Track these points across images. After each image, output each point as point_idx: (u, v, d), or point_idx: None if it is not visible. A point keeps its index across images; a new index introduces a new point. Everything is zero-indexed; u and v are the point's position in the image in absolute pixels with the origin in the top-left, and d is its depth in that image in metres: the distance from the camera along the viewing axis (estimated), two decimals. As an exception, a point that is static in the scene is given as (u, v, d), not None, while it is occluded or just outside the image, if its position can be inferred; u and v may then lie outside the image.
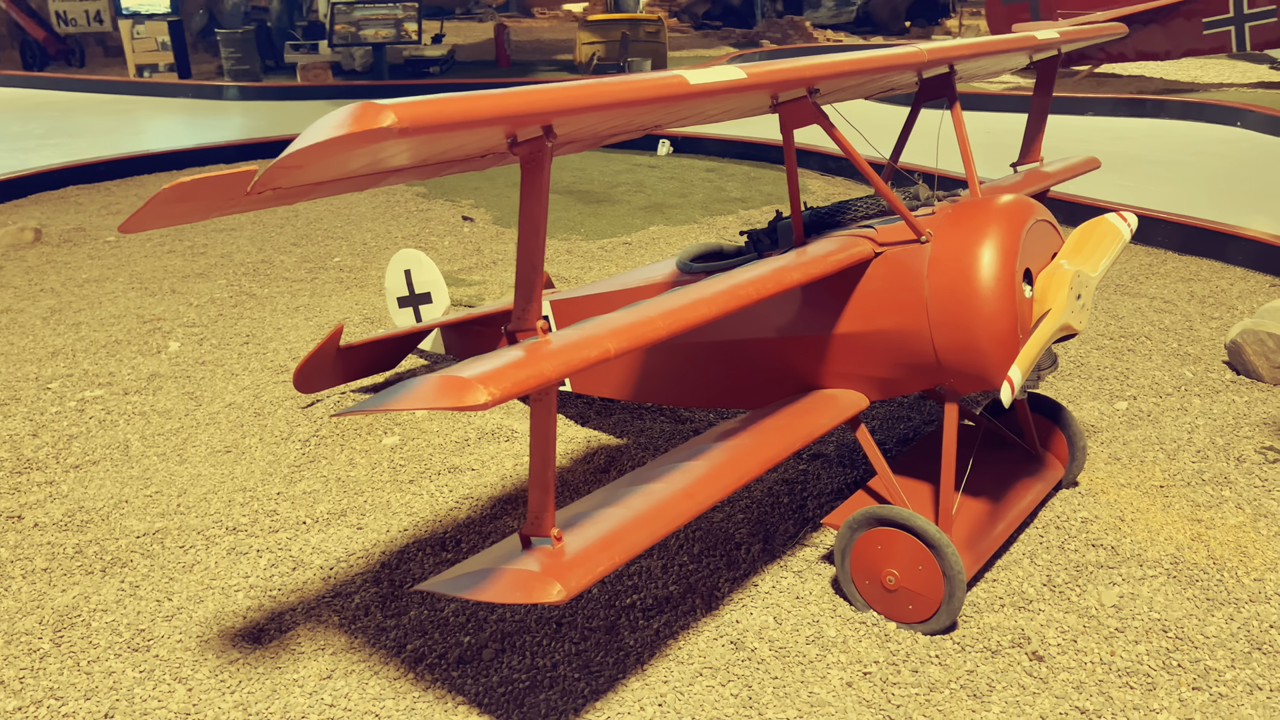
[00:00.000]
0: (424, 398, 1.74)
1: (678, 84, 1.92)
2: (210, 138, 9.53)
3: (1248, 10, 11.40)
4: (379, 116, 1.44)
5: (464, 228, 6.51)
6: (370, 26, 13.22)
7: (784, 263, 2.41)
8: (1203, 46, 11.80)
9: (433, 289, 4.12)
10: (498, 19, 23.29)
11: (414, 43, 13.44)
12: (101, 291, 5.28)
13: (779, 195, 7.22)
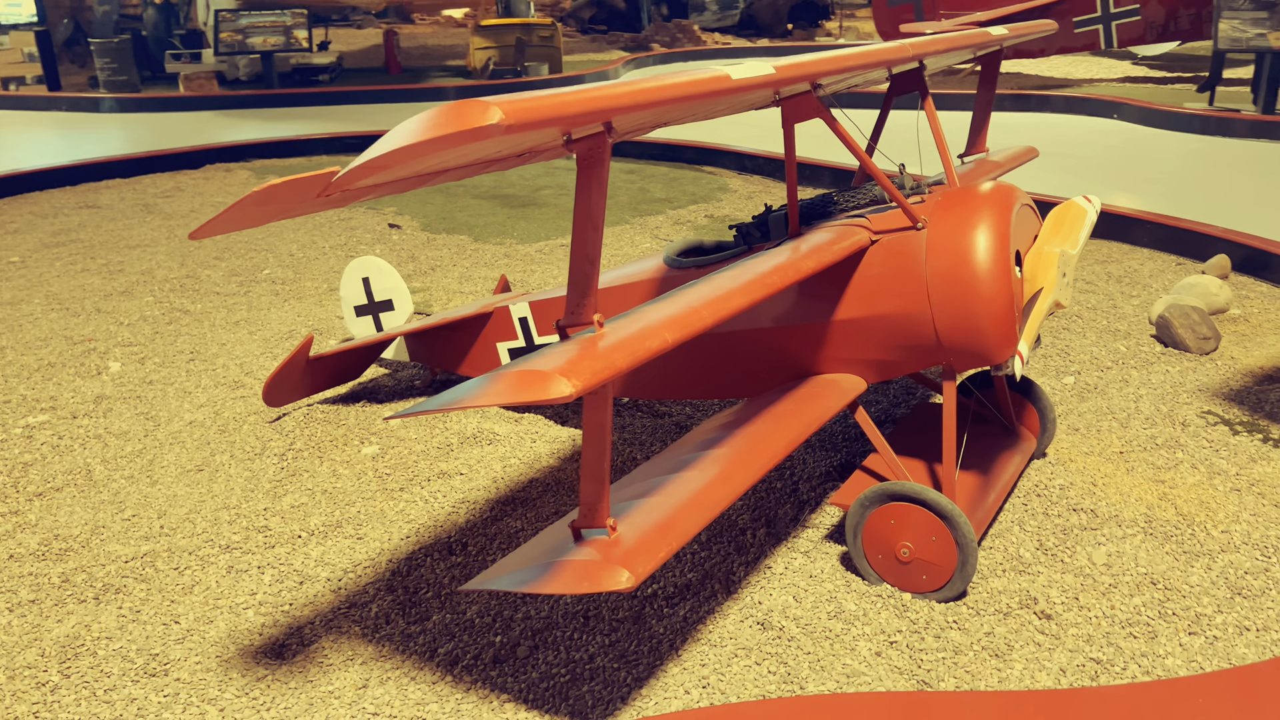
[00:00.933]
0: (503, 393, 1.75)
1: (723, 80, 1.98)
2: (95, 152, 9.10)
3: (1114, 9, 12.14)
4: (486, 114, 1.45)
5: (392, 235, 6.41)
6: (258, 34, 12.84)
7: (796, 252, 2.49)
8: (1074, 44, 12.50)
9: (394, 296, 4.06)
10: (384, 26, 22.87)
11: (305, 50, 13.10)
12: (19, 314, 5.01)
13: (702, 195, 7.35)
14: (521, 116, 1.50)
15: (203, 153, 8.68)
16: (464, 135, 1.46)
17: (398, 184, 1.99)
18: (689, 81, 1.88)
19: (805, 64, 2.30)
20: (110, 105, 12.54)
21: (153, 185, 7.93)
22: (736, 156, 8.13)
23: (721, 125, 9.08)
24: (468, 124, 1.45)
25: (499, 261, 5.83)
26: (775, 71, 2.15)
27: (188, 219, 6.88)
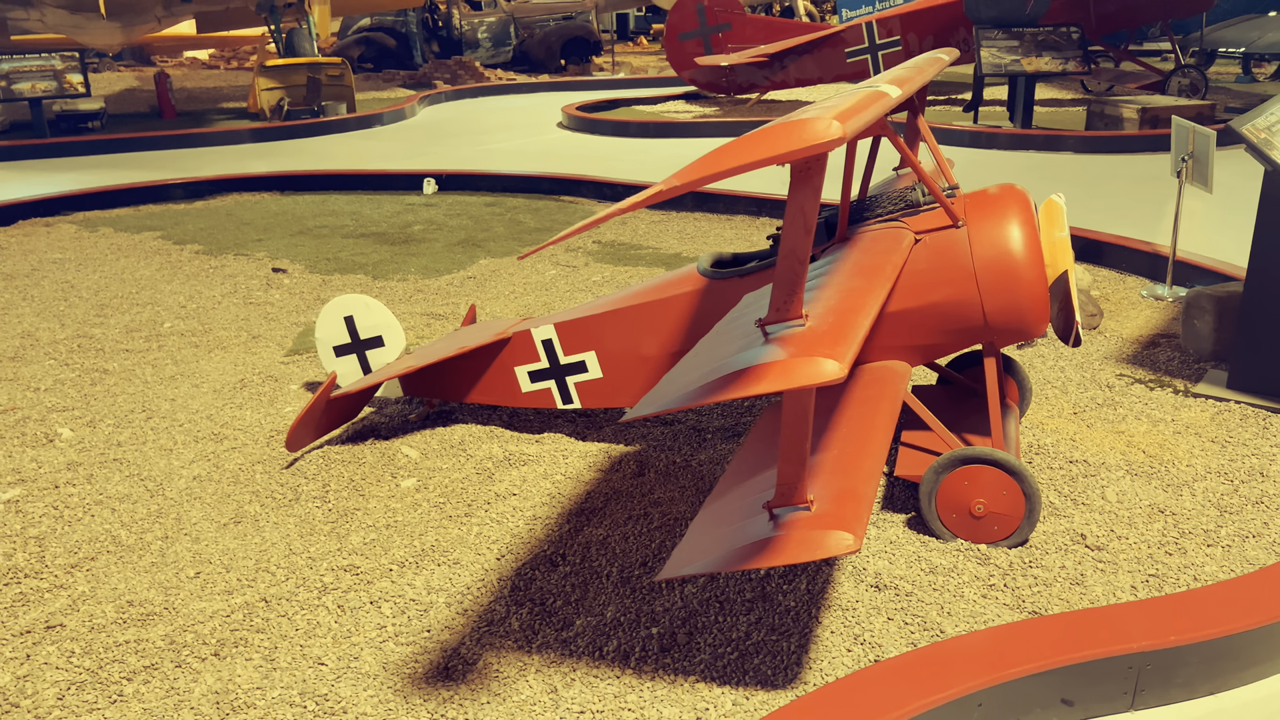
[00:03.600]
0: (775, 382, 1.93)
1: (884, 97, 2.27)
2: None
3: (879, 41, 13.49)
4: (829, 129, 1.65)
5: (283, 280, 6.20)
6: (25, 80, 11.77)
7: (876, 249, 2.81)
8: (847, 73, 13.75)
9: (384, 331, 4.03)
10: (132, 68, 21.40)
11: (81, 95, 12.13)
12: (-99, 389, 4.48)
13: (574, 222, 7.56)
14: (854, 129, 1.72)
15: (12, 208, 7.93)
16: (809, 150, 1.66)
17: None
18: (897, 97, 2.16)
19: (912, 83, 2.62)
20: None
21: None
22: (595, 185, 8.42)
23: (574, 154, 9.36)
24: (813, 140, 1.66)
25: (414, 296, 5.80)
26: (901, 92, 2.46)
27: (33, 277, 6.32)
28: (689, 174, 1.77)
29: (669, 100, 15.07)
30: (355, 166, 9.95)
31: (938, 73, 3.31)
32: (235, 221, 7.79)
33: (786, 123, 1.69)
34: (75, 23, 13.98)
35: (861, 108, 1.90)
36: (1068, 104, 13.30)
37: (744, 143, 1.72)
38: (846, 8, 16.80)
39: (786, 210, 2.08)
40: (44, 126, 12.01)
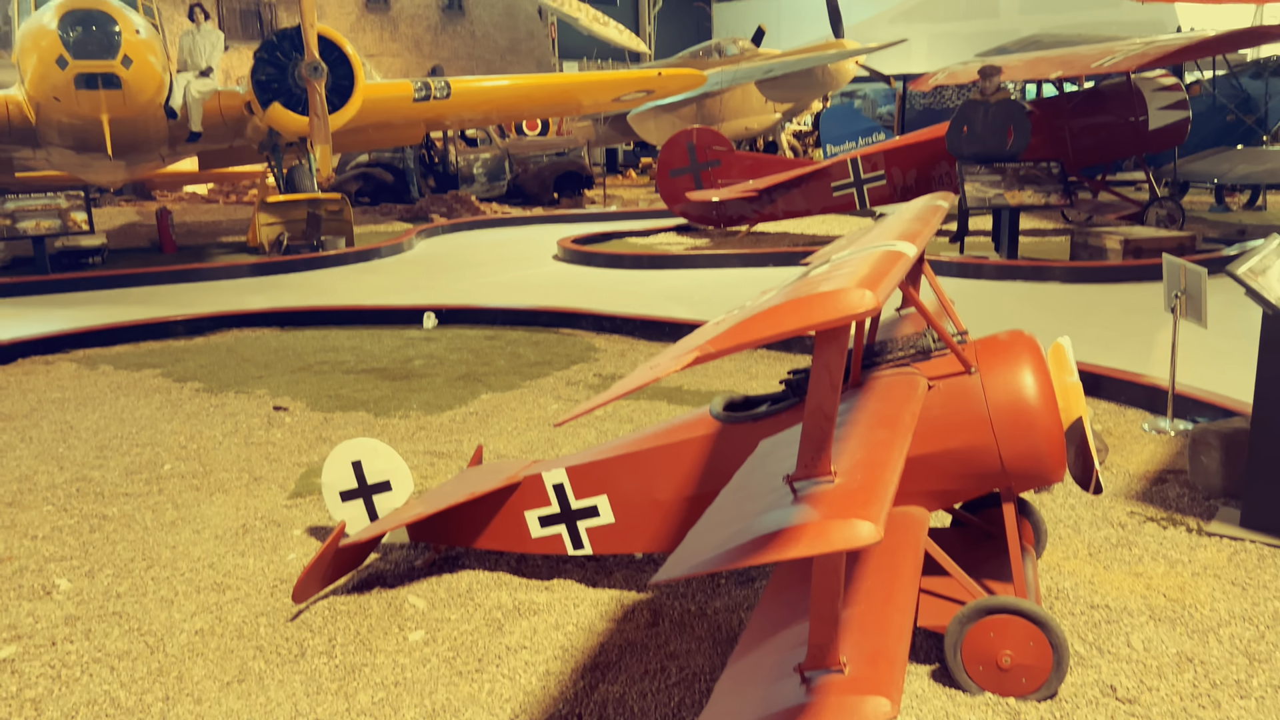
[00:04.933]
0: (809, 545, 1.91)
1: (903, 258, 2.31)
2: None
3: (864, 175, 13.91)
4: (863, 300, 1.69)
5: (284, 419, 6.18)
6: (29, 219, 11.98)
7: (892, 396, 2.83)
8: (834, 205, 14.13)
9: (392, 476, 4.00)
10: (132, 202, 21.85)
11: (85, 232, 12.33)
12: (-105, 539, 4.39)
13: (576, 355, 7.63)
14: (885, 296, 1.75)
15: (12, 346, 7.95)
16: (844, 320, 1.69)
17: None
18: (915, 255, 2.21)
19: (922, 239, 2.69)
20: None
21: (-36, 385, 7.16)
22: (593, 318, 8.51)
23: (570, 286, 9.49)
24: (847, 311, 1.69)
25: (416, 434, 5.78)
26: (918, 247, 2.52)
27: (32, 418, 6.29)
28: (724, 341, 1.80)
29: (661, 232, 15.40)
30: (355, 301, 10.07)
31: (940, 222, 3.40)
32: (236, 358, 7.82)
33: (820, 294, 1.73)
34: (81, 161, 14.33)
35: (885, 272, 1.94)
36: (1050, 234, 13.65)
37: (778, 312, 1.75)
38: (830, 143, 17.38)
39: (812, 368, 2.10)
40: (46, 263, 12.16)
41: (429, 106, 16.47)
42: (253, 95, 13.33)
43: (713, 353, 1.77)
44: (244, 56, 19.61)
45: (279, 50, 13.26)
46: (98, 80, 10.80)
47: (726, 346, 1.77)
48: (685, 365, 1.81)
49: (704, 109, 23.00)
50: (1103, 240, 10.74)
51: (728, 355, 1.82)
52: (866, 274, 1.85)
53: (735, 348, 1.77)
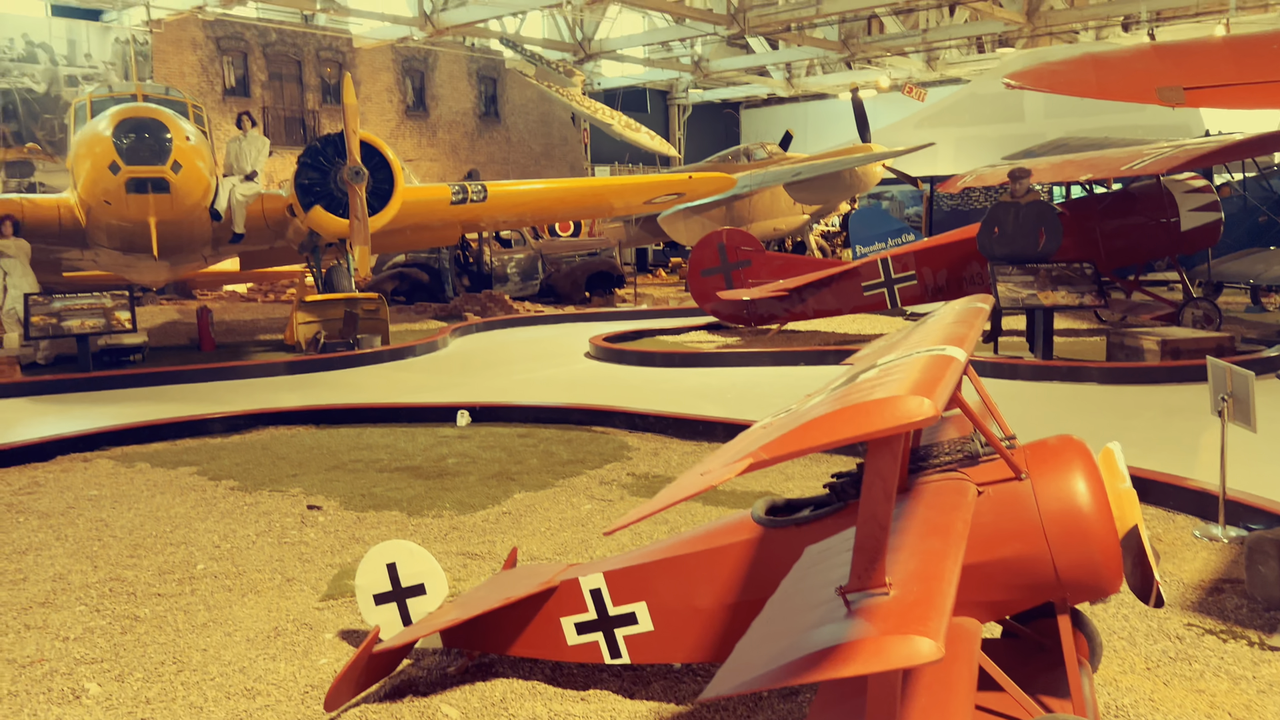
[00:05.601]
0: (867, 663, 1.84)
1: (954, 362, 2.29)
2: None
3: (895, 275, 13.98)
4: (921, 408, 1.66)
5: (318, 518, 6.16)
6: (74, 317, 12.26)
7: (941, 503, 2.76)
8: (864, 304, 14.18)
9: (427, 579, 3.94)
10: (174, 301, 22.34)
11: (128, 330, 12.59)
12: (-73, 638, 4.36)
13: (609, 454, 7.59)
14: (942, 403, 1.72)
15: (51, 444, 8.03)
16: (902, 428, 1.66)
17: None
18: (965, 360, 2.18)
19: (969, 344, 2.66)
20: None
21: (3, 482, 7.21)
22: (626, 416, 8.50)
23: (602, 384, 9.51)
24: (906, 419, 1.66)
25: (449, 534, 5.73)
26: (967, 352, 2.50)
27: (68, 515, 6.31)
28: (778, 448, 1.77)
29: (691, 330, 15.49)
30: (389, 399, 10.13)
31: (983, 324, 3.37)
32: (271, 456, 7.85)
33: (876, 401, 1.70)
34: (127, 262, 14.73)
35: (939, 378, 1.92)
36: (1084, 334, 13.58)
37: (834, 420, 1.72)
38: (860, 244, 17.54)
39: (865, 476, 2.07)
40: (88, 361, 12.39)
41: (466, 209, 16.86)
42: (295, 198, 13.71)
43: (766, 459, 1.74)
44: (287, 161, 20.26)
45: (321, 155, 13.68)
46: (147, 184, 11.16)
47: (780, 454, 1.74)
48: (738, 473, 1.78)
49: (733, 210, 23.36)
50: (1139, 341, 10.65)
51: (783, 461, 1.79)
52: (920, 380, 1.83)
53: (789, 455, 1.74)
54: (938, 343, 2.53)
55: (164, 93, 13.96)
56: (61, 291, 12.88)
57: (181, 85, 23.58)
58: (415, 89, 30.69)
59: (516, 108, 33.36)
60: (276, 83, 27.10)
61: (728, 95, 40.15)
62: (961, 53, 34.02)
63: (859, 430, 1.67)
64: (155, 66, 24.19)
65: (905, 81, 32.28)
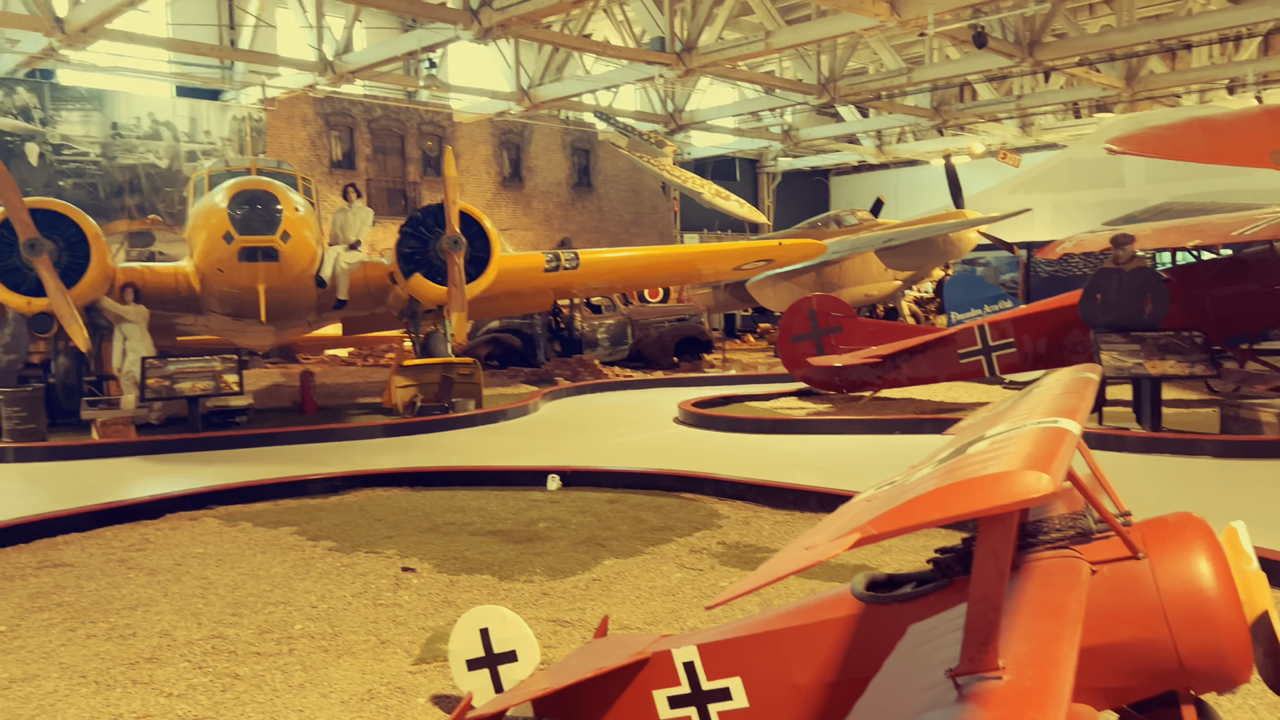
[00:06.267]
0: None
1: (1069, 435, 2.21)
2: (34, 505, 8.62)
3: (992, 342, 13.67)
4: (1039, 483, 1.60)
5: (412, 580, 6.22)
6: (186, 380, 12.79)
7: (1053, 582, 2.65)
8: (960, 372, 13.88)
9: (519, 646, 3.93)
10: (278, 365, 23.16)
11: (235, 393, 13.09)
12: (42, 693, 4.52)
13: (700, 522, 7.51)
14: (1060, 479, 1.66)
15: (161, 502, 8.34)
16: (1019, 504, 1.61)
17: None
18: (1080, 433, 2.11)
19: (1082, 416, 2.57)
20: (12, 455, 11.96)
21: (116, 538, 7.50)
22: (716, 483, 8.43)
23: (691, 450, 9.46)
24: (1023, 495, 1.60)
25: (539, 600, 5.72)
26: (1080, 424, 2.41)
27: (174, 572, 6.50)
28: (887, 524, 1.72)
29: (781, 397, 15.37)
30: (482, 462, 10.25)
31: (1094, 396, 3.26)
32: (368, 517, 7.99)
33: (991, 476, 1.65)
34: (236, 327, 15.36)
35: (1055, 452, 1.85)
36: (1195, 404, 13.01)
37: (946, 495, 1.67)
38: (955, 310, 17.24)
39: (976, 554, 2.00)
40: (198, 422, 12.88)
41: (558, 276, 17.18)
42: (396, 266, 14.17)
43: (874, 535, 1.70)
44: (389, 230, 21.02)
45: (422, 225, 14.16)
46: (258, 253, 11.68)
47: (889, 530, 1.70)
48: (845, 548, 1.73)
49: (823, 276, 23.28)
50: (1256, 413, 10.17)
51: (893, 537, 1.74)
52: (1035, 454, 1.77)
53: (898, 531, 1.70)
54: (1048, 414, 2.45)
55: (276, 166, 14.67)
56: (175, 355, 13.46)
57: (292, 159, 24.76)
58: (511, 160, 31.62)
59: (608, 177, 34.05)
60: (380, 156, 28.26)
61: (817, 162, 40.31)
62: (1057, 118, 33.58)
63: (972, 507, 1.62)
64: (268, 141, 25.46)
65: (999, 147, 31.96)
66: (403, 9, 21.51)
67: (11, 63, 21.33)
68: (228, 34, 24.99)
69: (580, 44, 23.10)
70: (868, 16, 18.29)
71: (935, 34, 18.75)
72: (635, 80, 24.67)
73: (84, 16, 17.71)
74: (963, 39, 20.63)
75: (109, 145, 22.84)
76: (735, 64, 23.44)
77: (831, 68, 26.46)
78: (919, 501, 1.69)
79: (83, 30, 17.95)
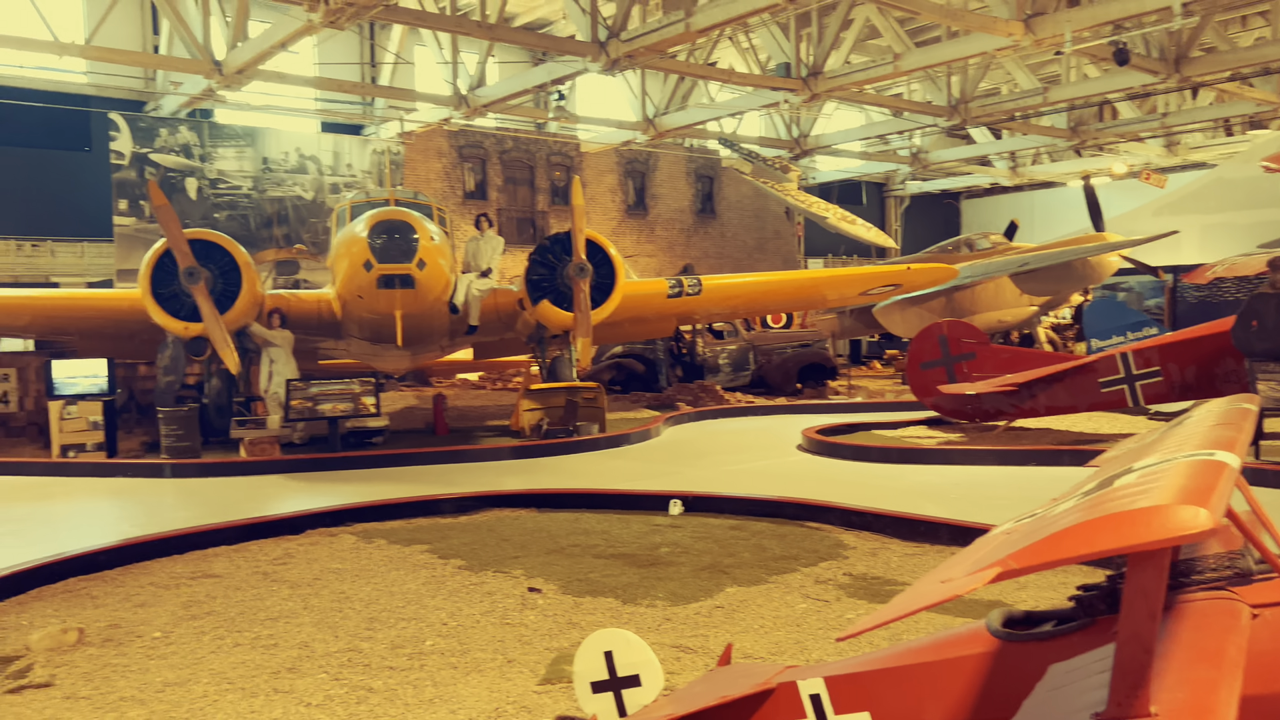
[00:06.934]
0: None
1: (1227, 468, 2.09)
2: (188, 519, 9.13)
3: (1136, 371, 13.02)
4: (1197, 519, 1.52)
5: (537, 600, 6.32)
6: (327, 401, 13.37)
7: (1207, 625, 2.49)
8: (1101, 401, 13.25)
9: (643, 671, 3.94)
10: (412, 388, 23.96)
11: (372, 415, 13.61)
12: (193, 697, 4.77)
13: (825, 552, 7.39)
14: (1220, 515, 1.57)
15: (302, 518, 8.71)
16: (1175, 541, 1.53)
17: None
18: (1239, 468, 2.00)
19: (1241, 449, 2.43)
20: (167, 471, 12.71)
21: (261, 552, 7.87)
22: (841, 512, 8.28)
23: (815, 478, 9.33)
24: (1179, 531, 1.52)
25: (662, 625, 5.72)
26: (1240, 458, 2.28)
27: (314, 586, 6.77)
28: (1029, 558, 1.66)
29: (909, 425, 15.00)
30: (604, 485, 10.34)
31: (1253, 428, 3.07)
32: (496, 537, 8.16)
33: (1142, 510, 1.57)
34: (374, 351, 15.98)
35: (1213, 486, 1.75)
36: (1365, 437, 12.07)
37: (1093, 529, 1.60)
38: (1095, 337, 16.52)
39: (1126, 592, 1.91)
40: (337, 442, 13.44)
41: (681, 302, 17.25)
42: (525, 293, 14.51)
43: (1016, 569, 1.64)
44: (517, 259, 21.54)
45: (550, 253, 14.47)
46: (395, 280, 12.16)
47: (1032, 564, 1.64)
48: (986, 582, 1.68)
49: (954, 302, 22.68)
50: None
51: (1035, 572, 1.67)
52: (1191, 488, 1.68)
53: (1041, 566, 1.63)
54: (1202, 446, 2.33)
55: (413, 197, 15.26)
56: (317, 378, 14.10)
57: (428, 190, 25.72)
58: (636, 188, 32.02)
59: (731, 203, 34.07)
60: (510, 186, 29.05)
61: (947, 185, 39.39)
62: (1206, 136, 31.93)
63: (1122, 542, 1.54)
64: (405, 173, 26.50)
65: (1142, 167, 30.55)
66: (534, 43, 22.15)
67: (175, 104, 22.88)
68: (369, 71, 26.21)
69: (705, 72, 23.24)
70: (1001, 36, 17.81)
71: (1073, 52, 18.10)
72: (760, 106, 24.66)
73: (240, 59, 18.85)
74: (1102, 56, 19.85)
75: (259, 179, 24.18)
76: (862, 88, 23.17)
77: (962, 89, 25.87)
78: (1063, 535, 1.63)
79: (238, 71, 19.11)
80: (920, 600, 1.78)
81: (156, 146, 22.84)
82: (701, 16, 17.07)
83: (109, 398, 14.35)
